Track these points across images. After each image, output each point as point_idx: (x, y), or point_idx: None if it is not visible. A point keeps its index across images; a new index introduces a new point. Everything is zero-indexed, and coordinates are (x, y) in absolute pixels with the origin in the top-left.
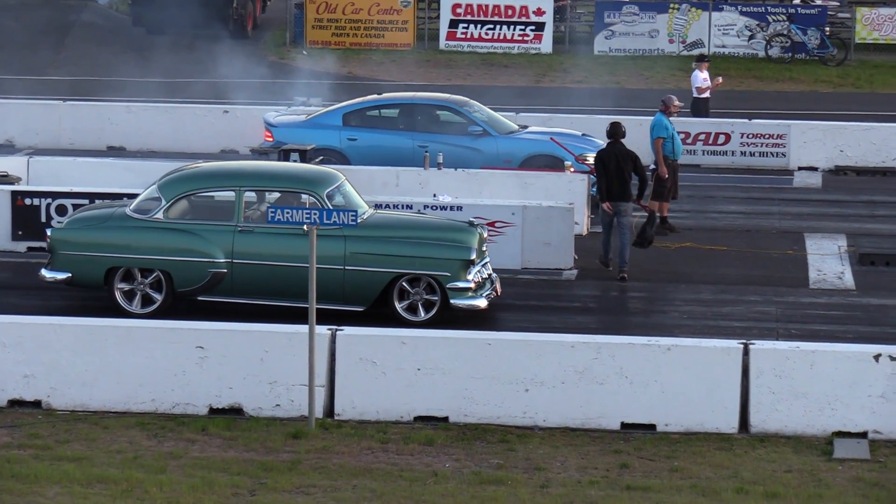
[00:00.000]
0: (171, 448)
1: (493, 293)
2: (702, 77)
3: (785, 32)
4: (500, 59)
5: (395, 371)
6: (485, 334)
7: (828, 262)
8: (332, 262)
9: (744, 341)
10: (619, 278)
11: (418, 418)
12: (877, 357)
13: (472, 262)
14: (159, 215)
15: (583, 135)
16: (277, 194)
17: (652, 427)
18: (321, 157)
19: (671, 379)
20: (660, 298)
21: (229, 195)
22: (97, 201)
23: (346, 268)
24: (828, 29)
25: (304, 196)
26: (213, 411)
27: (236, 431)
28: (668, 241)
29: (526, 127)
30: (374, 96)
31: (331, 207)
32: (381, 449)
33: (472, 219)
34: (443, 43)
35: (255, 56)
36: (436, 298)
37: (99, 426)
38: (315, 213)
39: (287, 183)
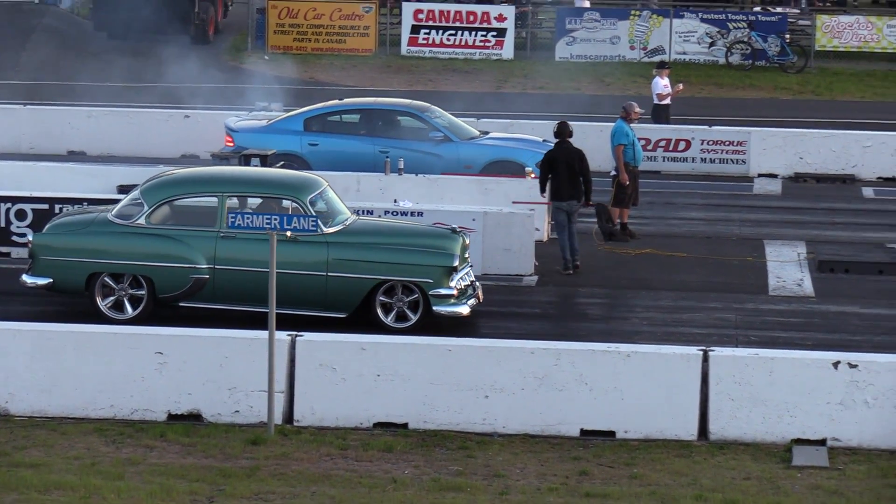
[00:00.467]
0: (130, 454)
1: (476, 300)
2: (662, 84)
3: (745, 39)
4: (462, 64)
5: (355, 377)
6: (445, 340)
7: (787, 268)
8: (315, 268)
9: (703, 348)
10: (573, 269)
11: (378, 425)
12: (836, 364)
13: (455, 269)
14: (141, 221)
15: (544, 141)
16: (259, 200)
17: (611, 434)
18: (282, 163)
19: (631, 386)
20: (620, 305)
21: (212, 201)
22: (73, 207)
23: (329, 274)
24: (788, 36)
25: (286, 202)
26: (172, 417)
27: (195, 438)
28: (628, 248)
29: (487, 133)
30: (336, 101)
31: (314, 213)
32: (340, 455)
33: (455, 226)
34: (404, 48)
35: (217, 61)
36: (418, 306)
37: (57, 432)
38: (275, 219)
39: (270, 189)
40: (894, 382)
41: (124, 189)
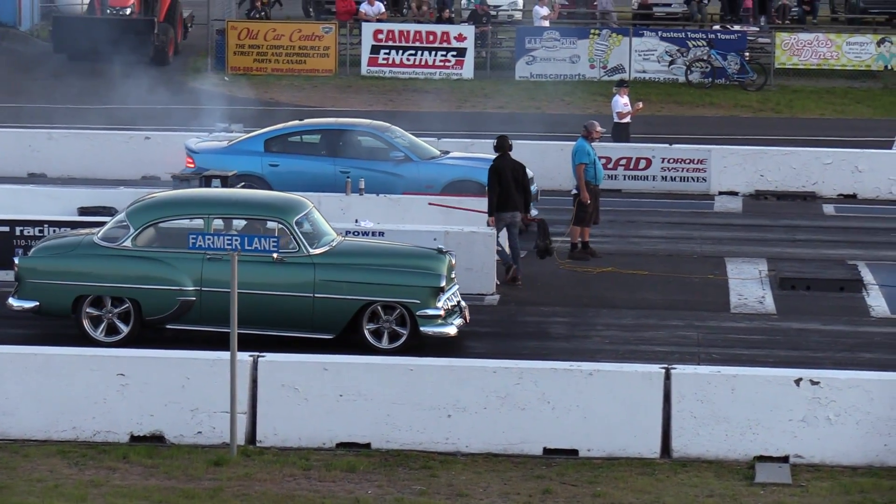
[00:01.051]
0: (92, 476)
1: (463, 320)
2: (622, 102)
3: (705, 58)
4: (422, 84)
5: (318, 397)
6: (407, 360)
7: (748, 286)
8: (302, 289)
9: (665, 366)
10: (510, 279)
11: (340, 445)
12: (797, 381)
13: (442, 290)
14: (127, 243)
15: None
16: (245, 222)
17: (574, 452)
18: (243, 184)
19: (593, 404)
20: (582, 323)
21: (198, 223)
22: (55, 230)
23: (316, 295)
24: (748, 54)
25: (272, 223)
26: (135, 439)
27: (157, 459)
28: (589, 266)
29: (448, 152)
30: (296, 122)
31: (300, 235)
32: (303, 476)
33: (440, 246)
34: (364, 69)
35: (177, 82)
36: (405, 326)
37: (19, 455)
38: (237, 240)
39: (256, 210)
40: (856, 399)
41: (85, 211)
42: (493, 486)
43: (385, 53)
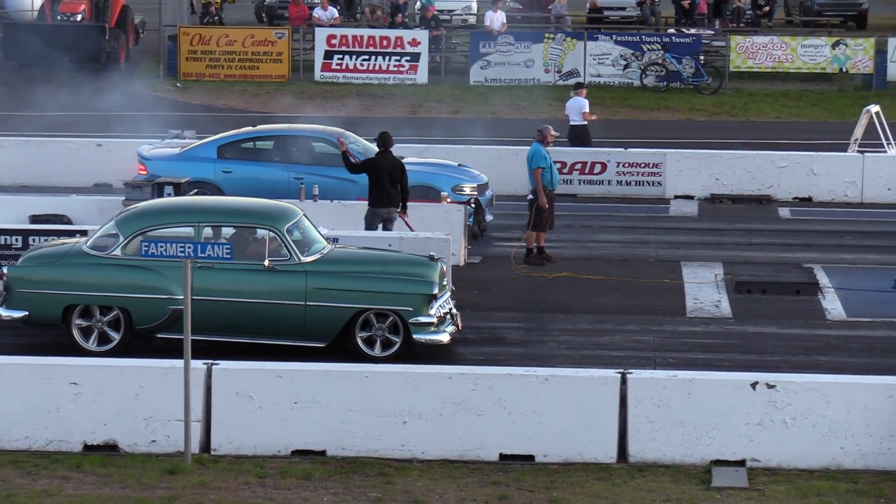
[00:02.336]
0: (46, 486)
1: (455, 328)
2: (586, 103)
3: (660, 61)
4: (376, 89)
5: (272, 405)
6: (362, 366)
7: (704, 290)
8: (294, 297)
9: (621, 370)
10: None
11: (296, 452)
12: (753, 385)
13: (435, 297)
14: (117, 252)
15: (459, 165)
16: (234, 230)
17: (530, 458)
18: (195, 190)
19: (549, 409)
20: (538, 328)
21: (188, 231)
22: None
23: (308, 304)
24: (702, 58)
25: (262, 231)
26: (88, 448)
27: (111, 468)
28: (545, 271)
29: (402, 158)
30: (249, 128)
31: (291, 243)
32: (258, 484)
33: (432, 253)
34: (318, 74)
35: (129, 88)
36: (397, 334)
37: None
38: (190, 247)
39: (246, 218)
40: (812, 402)
41: (37, 219)
42: (450, 492)
43: (339, 59)
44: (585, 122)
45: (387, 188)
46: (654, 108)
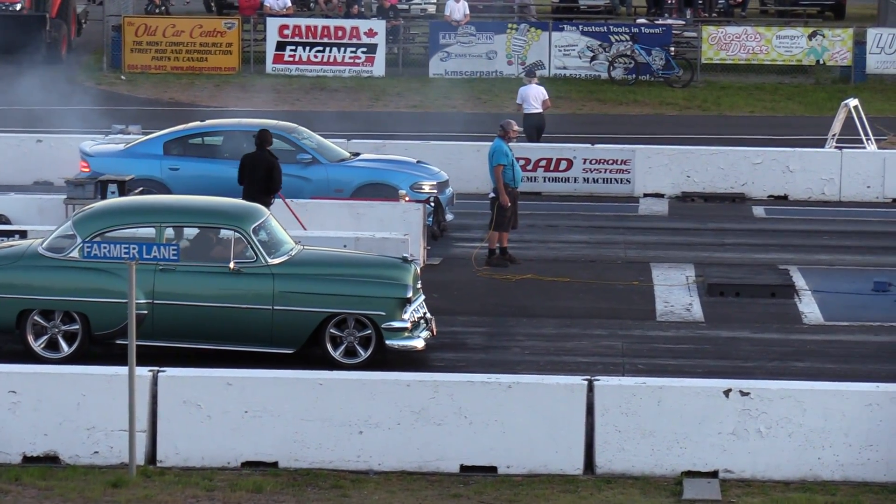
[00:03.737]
0: None
1: (430, 333)
2: (540, 90)
3: (628, 53)
4: (331, 82)
5: (221, 414)
6: (315, 374)
7: (675, 292)
8: (260, 301)
9: (588, 377)
10: None
11: (246, 464)
12: (727, 392)
13: (409, 301)
14: (74, 254)
15: (418, 162)
16: (198, 231)
17: (493, 469)
18: (141, 189)
19: (513, 418)
20: (500, 333)
21: (149, 232)
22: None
23: (275, 308)
24: (673, 49)
25: (227, 231)
26: (28, 460)
27: (52, 481)
28: (508, 273)
29: (358, 154)
30: (197, 123)
31: (258, 244)
32: (206, 497)
33: (405, 254)
34: (269, 66)
35: (70, 82)
36: (369, 340)
37: None
38: (134, 248)
39: (210, 218)
40: (788, 410)
41: None
42: None
43: (291, 50)
44: (542, 111)
45: (253, 188)
46: (623, 102)
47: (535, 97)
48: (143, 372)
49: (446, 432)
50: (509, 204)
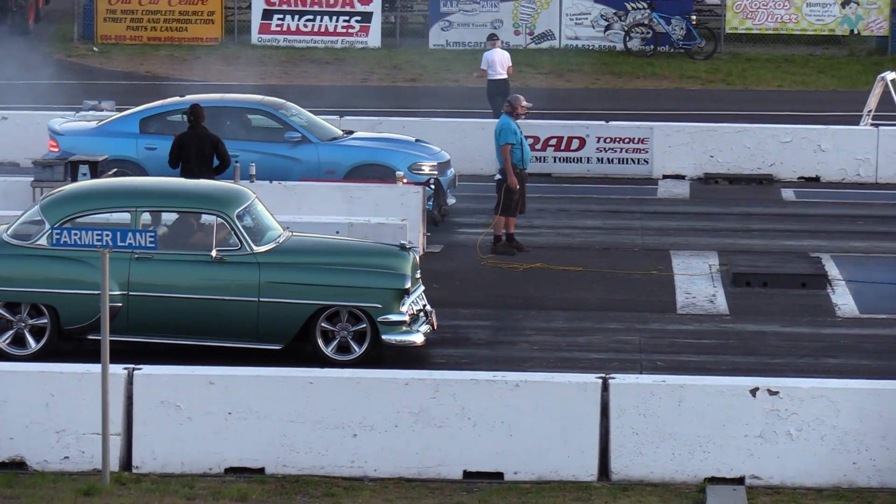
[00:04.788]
0: None
1: (430, 327)
2: (504, 55)
3: (646, 22)
4: (322, 54)
5: (203, 416)
6: (305, 372)
7: (697, 283)
8: (245, 293)
9: (603, 375)
10: None
11: (230, 470)
12: (754, 391)
13: (407, 292)
14: (42, 241)
15: (416, 141)
16: (177, 216)
17: (499, 476)
18: (115, 170)
19: (520, 420)
20: (507, 327)
21: (124, 217)
22: None
23: (261, 300)
24: (694, 18)
25: (209, 217)
26: None
27: (18, 489)
28: (515, 262)
29: (351, 133)
30: (177, 99)
31: (242, 230)
32: None
33: (403, 241)
34: (255, 37)
35: (38, 54)
36: (364, 335)
37: None
38: (107, 235)
39: (190, 202)
40: (821, 411)
41: None
42: None
43: (279, 19)
44: (504, 77)
45: (195, 167)
46: (640, 76)
47: (500, 62)
48: (118, 370)
49: (448, 435)
50: (517, 186)
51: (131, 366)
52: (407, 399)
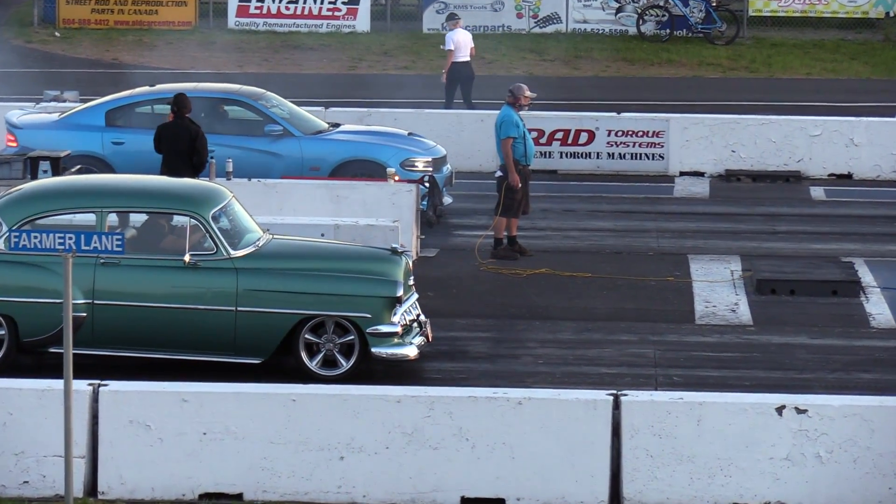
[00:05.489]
0: None
1: (424, 339)
2: (467, 36)
3: (661, 4)
4: (305, 39)
5: (175, 436)
6: (288, 388)
7: (718, 290)
8: (221, 301)
9: (614, 392)
10: None
11: (204, 496)
12: (780, 409)
13: (399, 300)
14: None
15: (409, 134)
16: (147, 217)
17: (500, 502)
18: (78, 167)
19: (524, 441)
20: (508, 339)
21: (89, 218)
22: None
23: (239, 309)
24: None
25: (181, 218)
26: None
27: None
28: (518, 267)
29: (338, 125)
30: (146, 89)
31: (218, 233)
32: None
33: (395, 245)
34: (232, 20)
35: None
36: (352, 347)
37: None
38: (71, 238)
39: (161, 202)
40: (853, 431)
41: None
42: None
43: (258, 1)
44: (466, 59)
45: (170, 162)
46: (655, 63)
47: (465, 43)
48: (82, 386)
49: (444, 458)
50: (519, 185)
51: (97, 382)
52: (399, 418)
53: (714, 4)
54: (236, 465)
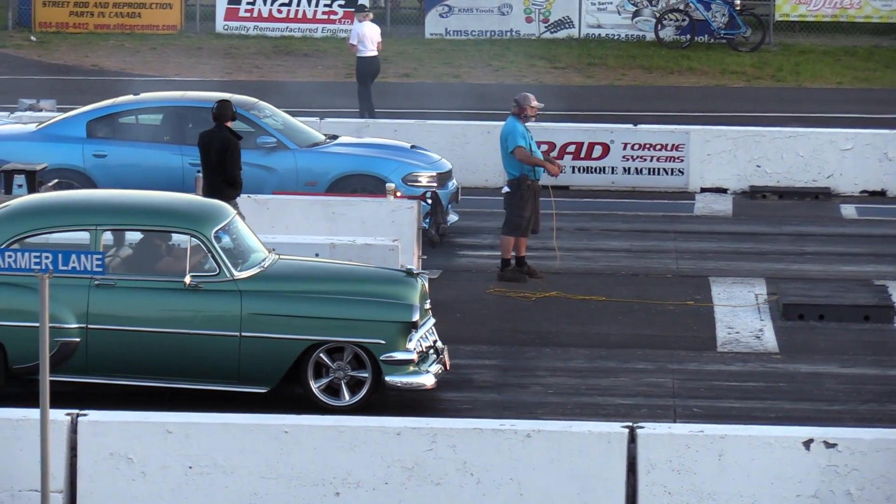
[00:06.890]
0: None
1: (442, 367)
2: (374, 30)
3: (681, 7)
4: (299, 45)
5: (159, 470)
6: (280, 419)
7: (741, 315)
8: (224, 326)
9: (630, 424)
10: None
11: None
12: (807, 443)
13: (415, 325)
14: None
15: (412, 147)
16: (143, 235)
17: None
18: (56, 181)
19: (532, 477)
20: (516, 367)
21: (82, 237)
22: None
23: (243, 335)
24: (738, 2)
25: (181, 237)
26: None
27: None
28: (527, 291)
29: (335, 137)
30: (130, 97)
31: (220, 253)
32: None
33: (410, 266)
34: (221, 24)
35: None
36: (365, 375)
37: None
38: (48, 258)
39: (160, 220)
40: (886, 467)
41: None
42: None
43: (248, 3)
44: (373, 55)
45: (206, 177)
46: (674, 71)
47: (371, 38)
48: (60, 416)
49: (448, 494)
50: (560, 170)
51: (75, 411)
52: (399, 451)
53: (738, 8)
54: (224, 500)
